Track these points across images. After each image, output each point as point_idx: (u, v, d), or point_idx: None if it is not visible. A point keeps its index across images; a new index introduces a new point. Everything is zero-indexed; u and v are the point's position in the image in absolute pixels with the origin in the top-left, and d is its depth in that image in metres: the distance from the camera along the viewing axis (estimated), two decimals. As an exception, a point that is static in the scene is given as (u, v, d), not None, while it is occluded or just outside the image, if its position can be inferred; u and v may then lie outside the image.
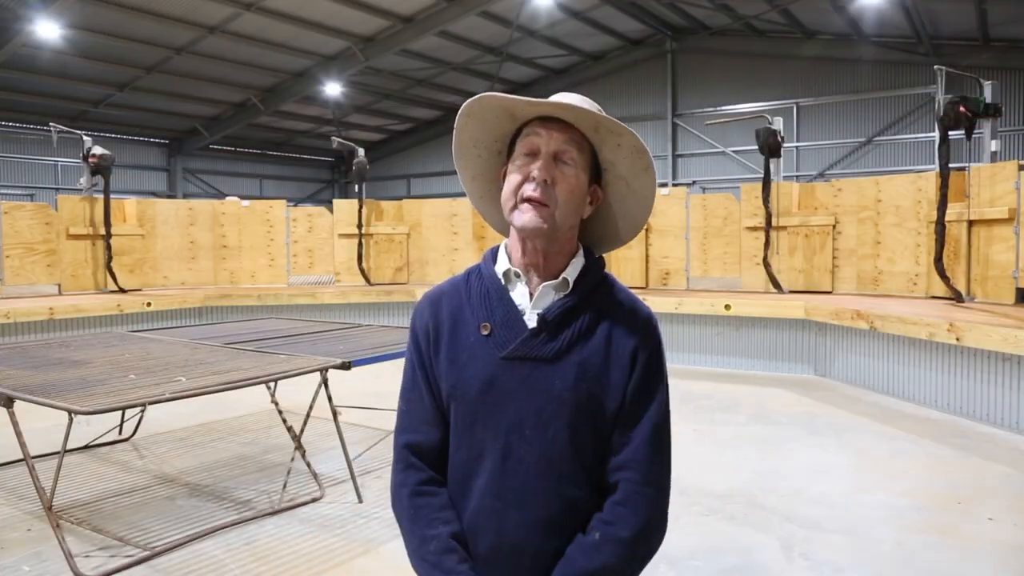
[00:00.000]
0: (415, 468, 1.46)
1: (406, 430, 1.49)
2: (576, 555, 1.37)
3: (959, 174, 7.02)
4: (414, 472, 1.45)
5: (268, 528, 3.66)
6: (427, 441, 1.46)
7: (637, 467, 1.39)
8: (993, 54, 14.61)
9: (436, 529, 1.40)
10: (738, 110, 16.89)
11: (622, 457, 1.40)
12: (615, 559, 1.36)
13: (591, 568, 1.35)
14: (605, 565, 1.35)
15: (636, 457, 1.39)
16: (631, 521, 1.37)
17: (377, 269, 10.45)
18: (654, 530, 1.40)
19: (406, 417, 1.50)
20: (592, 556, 1.35)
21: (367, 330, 5.51)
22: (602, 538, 1.36)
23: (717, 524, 3.72)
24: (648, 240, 9.26)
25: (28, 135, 18.04)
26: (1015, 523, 3.68)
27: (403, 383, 1.52)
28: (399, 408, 1.52)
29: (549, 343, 1.40)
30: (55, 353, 4.35)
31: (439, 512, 1.42)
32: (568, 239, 1.45)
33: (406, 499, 1.45)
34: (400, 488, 1.46)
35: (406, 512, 1.44)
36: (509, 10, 15.03)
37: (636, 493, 1.38)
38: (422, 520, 1.42)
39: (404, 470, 1.46)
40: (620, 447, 1.40)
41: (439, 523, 1.41)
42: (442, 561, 1.38)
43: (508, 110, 1.42)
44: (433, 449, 1.46)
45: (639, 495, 1.38)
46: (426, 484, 1.44)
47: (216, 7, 13.31)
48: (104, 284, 9.15)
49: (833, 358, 7.31)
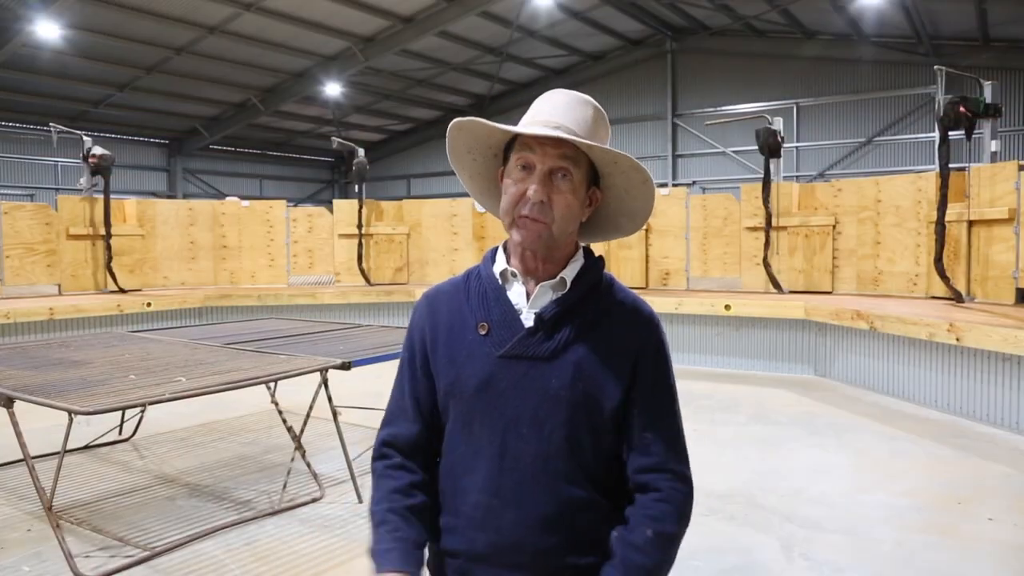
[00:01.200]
0: (387, 457, 1.50)
1: (384, 425, 1.54)
2: (631, 554, 1.37)
3: (959, 174, 7.02)
4: (386, 460, 1.50)
5: (268, 528, 3.66)
6: (404, 433, 1.50)
7: (669, 466, 1.42)
8: (993, 54, 14.61)
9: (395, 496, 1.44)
10: (738, 110, 16.90)
11: (654, 458, 1.42)
12: (665, 555, 1.40)
13: (651, 564, 1.38)
14: (661, 561, 1.39)
15: (667, 456, 1.43)
16: (676, 517, 1.41)
17: (377, 269, 10.45)
18: (687, 526, 1.45)
19: (387, 412, 1.55)
20: (649, 553, 1.38)
21: (367, 330, 5.51)
22: (655, 534, 1.38)
23: (717, 524, 3.72)
24: (648, 240, 9.26)
25: (28, 135, 18.04)
26: (1015, 523, 3.68)
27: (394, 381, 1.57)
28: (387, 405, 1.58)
29: (546, 342, 1.41)
30: (55, 353, 4.35)
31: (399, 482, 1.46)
32: (567, 243, 1.46)
33: (375, 479, 1.50)
34: (373, 475, 1.52)
35: (374, 494, 1.48)
36: (509, 10, 15.03)
37: (675, 490, 1.42)
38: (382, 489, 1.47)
39: (378, 459, 1.52)
40: (647, 447, 1.42)
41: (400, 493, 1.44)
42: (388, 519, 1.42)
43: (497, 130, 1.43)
44: (408, 441, 1.50)
45: (677, 491, 1.42)
46: (397, 469, 1.48)
47: (216, 7, 13.31)
48: (104, 284, 9.15)
49: (833, 358, 7.31)
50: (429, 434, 1.50)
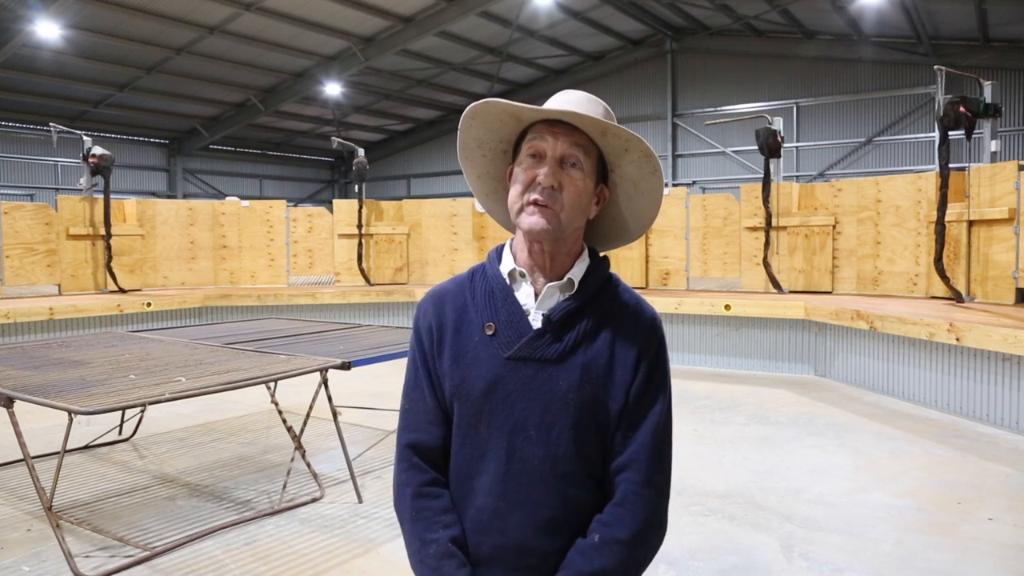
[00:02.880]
0: (418, 469, 1.45)
1: (408, 429, 1.48)
2: (575, 558, 1.36)
3: (959, 174, 7.02)
4: (417, 473, 1.45)
5: (268, 528, 3.66)
6: (429, 440, 1.46)
7: (637, 468, 1.39)
8: (993, 54, 14.61)
9: (437, 533, 1.40)
10: (738, 110, 16.91)
11: (623, 458, 1.39)
12: (614, 561, 1.35)
13: (589, 570, 1.34)
14: (604, 568, 1.34)
15: (637, 458, 1.39)
16: (629, 523, 1.37)
17: (377, 269, 10.45)
18: (652, 532, 1.39)
19: (408, 416, 1.49)
20: (591, 558, 1.35)
21: (367, 330, 5.51)
22: (600, 540, 1.35)
23: (717, 524, 3.72)
24: (648, 240, 9.25)
25: (28, 135, 18.04)
26: (1015, 523, 3.69)
27: (405, 382, 1.52)
28: (402, 407, 1.52)
29: (554, 344, 1.40)
30: (55, 353, 4.35)
31: (441, 515, 1.42)
32: (574, 240, 1.45)
33: (408, 499, 1.44)
34: (403, 488, 1.45)
35: (408, 513, 1.44)
36: (509, 10, 15.03)
37: (635, 494, 1.38)
38: (423, 522, 1.42)
39: (407, 470, 1.46)
40: (621, 448, 1.40)
41: (440, 527, 1.41)
42: (441, 566, 1.37)
43: (512, 114, 1.42)
44: (435, 448, 1.46)
45: (638, 496, 1.38)
46: (429, 485, 1.44)
47: (216, 7, 13.31)
48: (104, 284, 9.15)
49: (833, 358, 7.31)
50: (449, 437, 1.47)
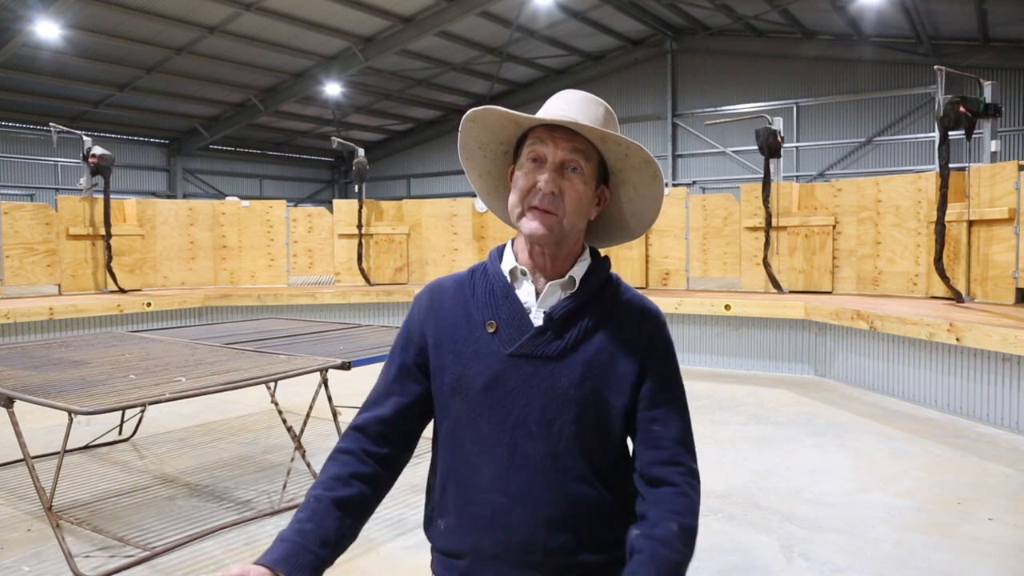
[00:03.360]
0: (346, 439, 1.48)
1: (362, 410, 1.52)
2: (659, 549, 1.36)
3: (959, 174, 7.02)
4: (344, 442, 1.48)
5: (268, 528, 3.66)
6: (371, 417, 1.48)
7: (682, 460, 1.43)
8: (993, 54, 14.61)
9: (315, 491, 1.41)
10: (738, 110, 16.91)
11: (666, 452, 1.42)
12: (690, 548, 1.39)
13: (678, 559, 1.36)
14: (687, 555, 1.38)
15: (679, 450, 1.43)
16: (694, 511, 1.42)
17: (377, 269, 10.45)
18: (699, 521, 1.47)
19: (367, 398, 1.53)
20: (677, 547, 1.37)
21: (367, 330, 5.51)
22: (680, 528, 1.38)
23: (717, 524, 3.72)
24: (648, 240, 9.26)
25: (28, 135, 18.04)
26: (1015, 523, 3.69)
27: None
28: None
29: (555, 341, 1.41)
30: (55, 353, 4.35)
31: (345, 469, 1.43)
32: (575, 241, 1.46)
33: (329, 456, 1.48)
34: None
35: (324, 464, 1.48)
36: (509, 10, 15.04)
37: (689, 484, 1.42)
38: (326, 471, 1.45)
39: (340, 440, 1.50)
40: (657, 441, 1.43)
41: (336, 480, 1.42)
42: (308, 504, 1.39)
43: (512, 119, 1.42)
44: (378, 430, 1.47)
45: (691, 486, 1.43)
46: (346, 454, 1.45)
47: (216, 7, 13.31)
48: (104, 284, 9.15)
49: (833, 358, 7.31)
50: (404, 426, 1.48)
